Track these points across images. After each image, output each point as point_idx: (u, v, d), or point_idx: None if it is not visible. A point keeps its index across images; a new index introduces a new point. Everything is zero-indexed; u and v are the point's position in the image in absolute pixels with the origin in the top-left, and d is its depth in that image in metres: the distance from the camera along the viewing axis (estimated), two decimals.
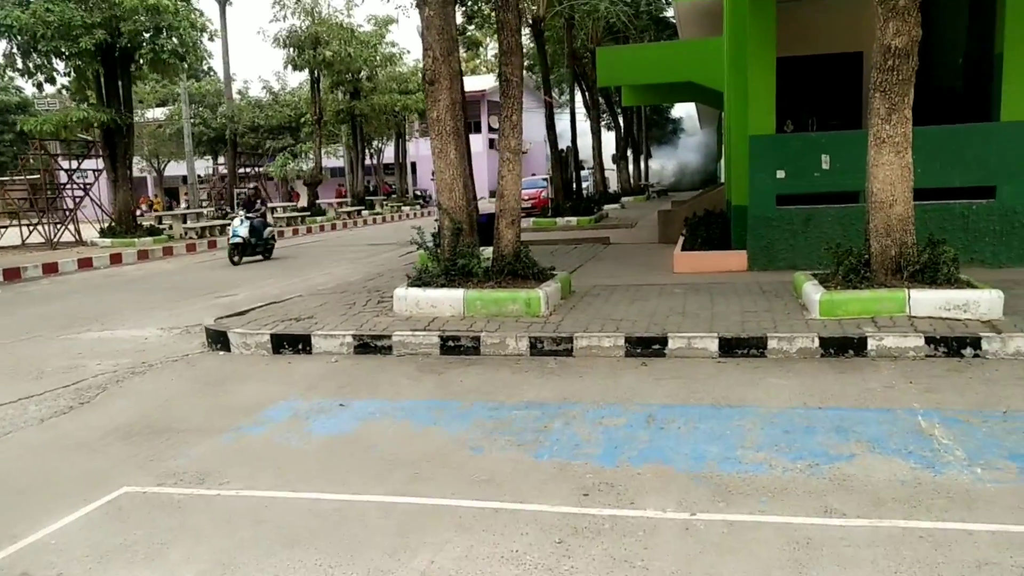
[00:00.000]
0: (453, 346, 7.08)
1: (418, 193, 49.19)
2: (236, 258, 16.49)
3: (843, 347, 6.34)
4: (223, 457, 4.77)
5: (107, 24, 19.30)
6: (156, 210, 39.21)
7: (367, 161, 43.20)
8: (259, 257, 17.46)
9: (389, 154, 46.11)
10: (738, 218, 10.94)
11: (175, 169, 48.64)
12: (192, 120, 32.18)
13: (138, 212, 40.64)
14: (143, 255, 20.06)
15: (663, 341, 6.65)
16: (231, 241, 16.72)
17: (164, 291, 12.82)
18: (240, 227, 16.65)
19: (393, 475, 4.34)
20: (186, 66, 22.19)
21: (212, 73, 61.50)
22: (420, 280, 8.01)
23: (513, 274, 8.06)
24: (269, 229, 17.89)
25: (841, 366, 6.12)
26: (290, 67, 30.99)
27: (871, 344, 6.29)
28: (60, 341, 8.66)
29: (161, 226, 24.46)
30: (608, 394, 5.65)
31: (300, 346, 7.43)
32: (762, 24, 10.17)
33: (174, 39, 20.73)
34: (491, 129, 54.26)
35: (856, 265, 7.20)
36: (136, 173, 50.69)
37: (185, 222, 25.05)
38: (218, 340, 7.73)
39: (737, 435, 4.68)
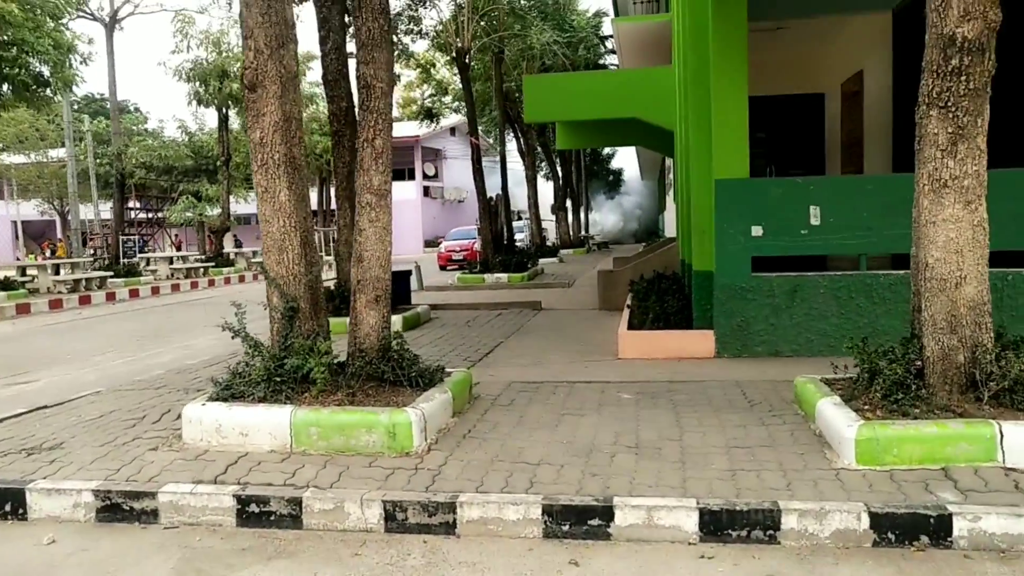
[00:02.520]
0: (258, 513, 4.20)
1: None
2: None
3: (910, 530, 3.70)
4: None
5: None
6: (59, 255, 35.30)
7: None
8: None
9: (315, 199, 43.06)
10: (701, 287, 8.40)
11: (85, 212, 44.79)
12: (98, 160, 28.76)
13: (40, 257, 36.90)
14: None
15: (607, 513, 3.91)
16: None
17: None
18: None
19: None
20: (49, 94, 19.05)
21: (134, 110, 57.84)
22: (229, 390, 5.13)
23: (377, 379, 5.26)
24: None
25: (914, 571, 3.48)
26: (195, 103, 28.02)
27: (959, 527, 3.66)
28: None
29: (23, 278, 20.93)
30: None
31: (8, 508, 4.45)
32: (731, 45, 7.76)
33: (34, 61, 17.64)
34: (426, 176, 51.81)
35: (903, 377, 4.61)
36: (37, 216, 46.76)
37: (58, 273, 21.57)
38: None
39: None
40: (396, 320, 10.47)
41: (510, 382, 6.87)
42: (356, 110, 5.38)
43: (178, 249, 39.55)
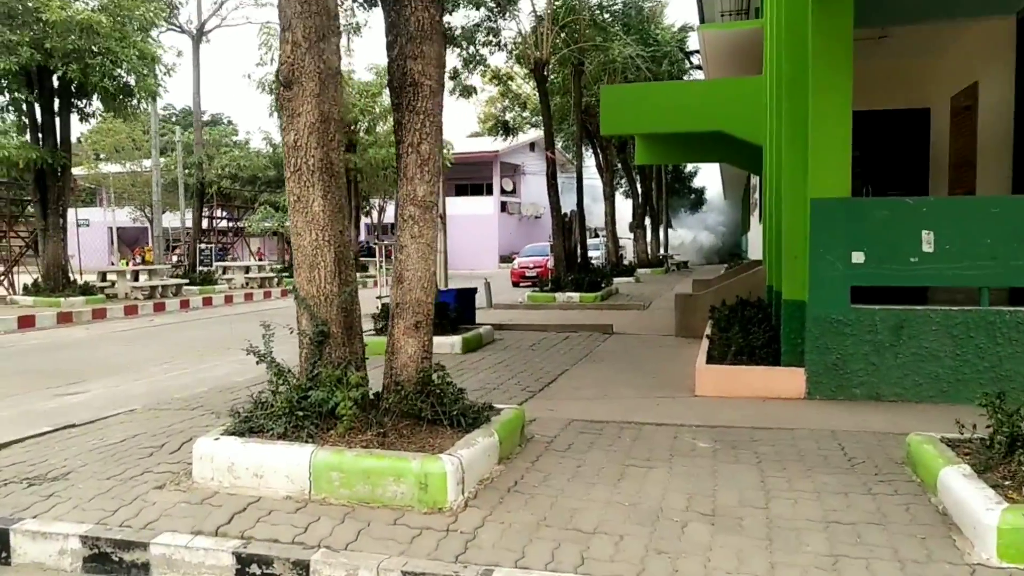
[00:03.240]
0: (260, 575, 3.59)
1: None
2: None
3: None
4: None
5: (38, 44, 16.45)
6: (148, 261, 36.39)
7: (364, 220, 40.32)
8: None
9: (391, 213, 43.21)
10: (791, 318, 7.46)
11: (171, 220, 46.24)
12: (186, 169, 29.43)
13: (132, 263, 38.09)
14: (65, 318, 16.84)
15: None
16: None
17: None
18: None
19: None
20: (136, 103, 19.37)
21: (226, 121, 59.55)
22: (248, 423, 4.56)
23: (413, 416, 4.60)
24: None
25: None
26: (276, 114, 28.37)
27: None
28: None
29: (103, 283, 21.31)
30: None
31: None
32: (834, 52, 6.87)
33: (120, 71, 17.94)
34: (503, 191, 51.51)
35: None
36: (129, 223, 48.53)
37: (137, 279, 21.94)
38: None
39: None
40: (456, 342, 9.87)
41: (570, 420, 6.13)
42: (394, 111, 4.73)
43: (260, 259, 40.24)
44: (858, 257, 6.85)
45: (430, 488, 4.05)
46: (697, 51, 27.16)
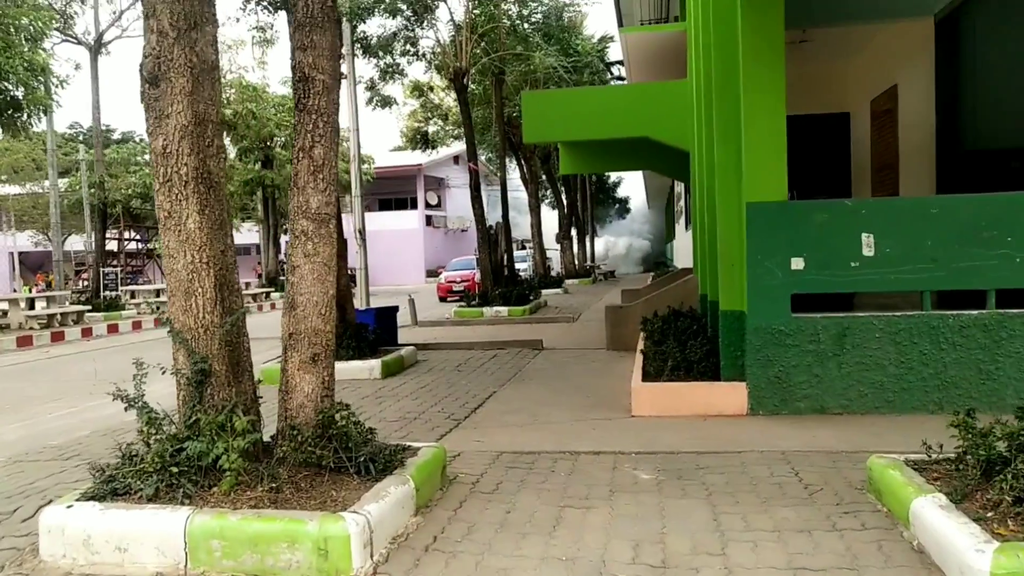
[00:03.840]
0: None
1: (351, 271, 44.79)
2: None
3: None
4: None
5: None
6: (51, 287, 34.19)
7: (284, 237, 39.04)
8: None
9: None
10: (729, 330, 7.04)
11: (77, 243, 43.81)
12: (91, 189, 27.71)
13: (36, 288, 35.74)
14: None
15: None
16: None
17: None
18: None
19: None
20: (26, 118, 17.97)
21: (138, 139, 56.93)
22: (112, 483, 3.80)
23: (313, 465, 3.92)
24: None
25: None
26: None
27: None
28: None
29: None
30: None
31: None
32: (766, 53, 6.51)
33: (7, 83, 16.60)
34: (428, 205, 50.71)
35: None
36: (31, 247, 45.82)
37: (32, 308, 20.38)
38: None
39: None
40: (374, 366, 9.16)
41: (499, 452, 5.52)
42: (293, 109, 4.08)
43: None
44: (797, 263, 6.49)
45: (331, 554, 3.38)
46: (618, 62, 27.15)
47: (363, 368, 9.08)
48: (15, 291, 39.45)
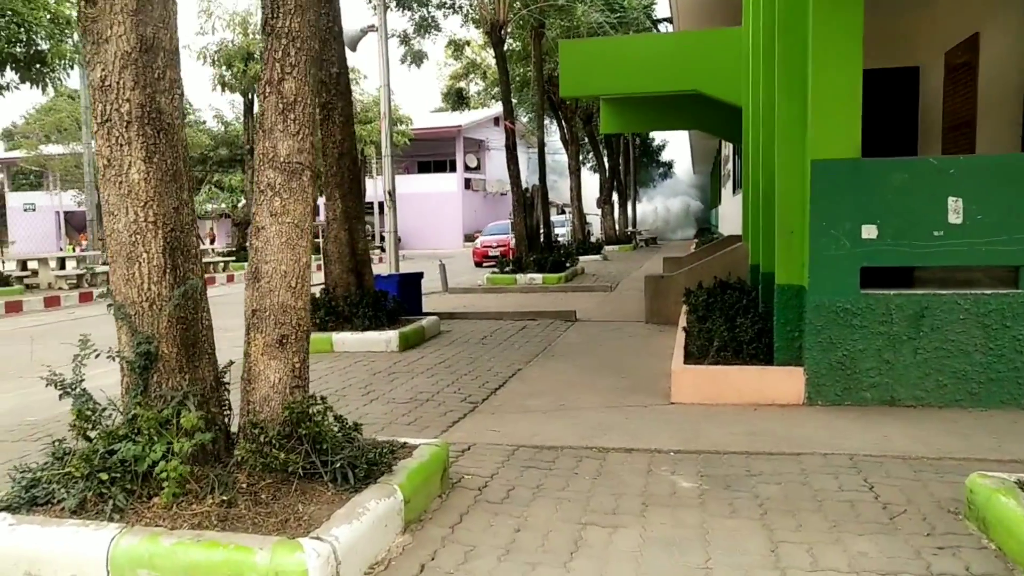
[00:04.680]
0: None
1: (383, 235, 44.20)
2: None
3: None
4: None
5: None
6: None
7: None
8: None
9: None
10: (785, 307, 6.15)
11: None
12: None
13: (79, 248, 35.97)
14: None
15: None
16: None
17: None
18: None
19: None
20: (53, 72, 17.53)
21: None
22: (33, 489, 3.14)
23: (279, 470, 3.21)
24: None
25: None
26: (220, 87, 26.53)
27: None
28: None
29: (23, 272, 19.49)
30: None
31: None
32: None
33: (32, 36, 16.14)
34: (467, 167, 49.79)
35: None
36: (74, 207, 46.29)
37: (63, 267, 20.19)
38: None
39: None
40: (391, 338, 8.46)
41: (516, 447, 4.78)
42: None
43: (212, 242, 38.37)
44: (869, 231, 5.58)
45: None
46: (667, 19, 25.78)
47: (379, 340, 8.39)
48: (61, 249, 39.87)
